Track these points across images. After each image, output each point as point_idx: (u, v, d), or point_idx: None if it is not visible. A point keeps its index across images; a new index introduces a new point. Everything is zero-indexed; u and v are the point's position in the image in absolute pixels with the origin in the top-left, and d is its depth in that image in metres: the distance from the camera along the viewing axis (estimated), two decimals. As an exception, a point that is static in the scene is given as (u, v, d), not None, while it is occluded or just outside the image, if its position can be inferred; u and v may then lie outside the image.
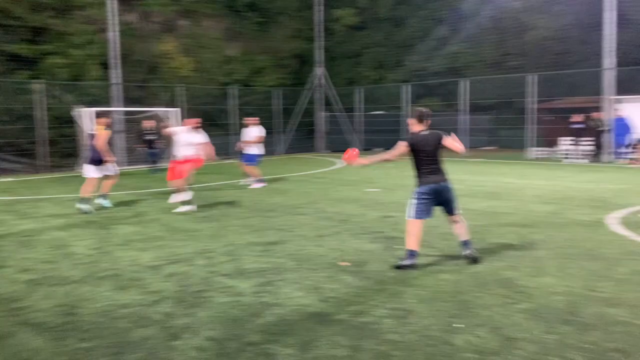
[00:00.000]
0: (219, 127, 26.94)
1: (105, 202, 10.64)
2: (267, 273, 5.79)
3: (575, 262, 6.04)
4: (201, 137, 10.42)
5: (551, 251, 6.54)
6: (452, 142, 6.18)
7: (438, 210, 6.17)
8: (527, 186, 12.71)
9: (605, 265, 5.86)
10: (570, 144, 20.15)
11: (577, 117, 19.62)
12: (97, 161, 10.22)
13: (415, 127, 6.19)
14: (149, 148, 18.08)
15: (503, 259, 6.22)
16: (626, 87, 21.78)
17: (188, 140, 10.24)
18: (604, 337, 3.98)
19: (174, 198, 10.43)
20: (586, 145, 19.73)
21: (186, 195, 10.03)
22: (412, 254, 5.98)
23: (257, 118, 13.99)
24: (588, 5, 24.73)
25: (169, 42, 25.27)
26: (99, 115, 12.31)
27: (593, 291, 5.01)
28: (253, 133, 13.63)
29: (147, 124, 18.32)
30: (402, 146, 6.17)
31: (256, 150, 13.66)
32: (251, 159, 13.65)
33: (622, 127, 18.96)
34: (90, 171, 10.28)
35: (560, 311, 4.52)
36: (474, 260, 6.07)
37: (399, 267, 5.92)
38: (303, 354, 3.81)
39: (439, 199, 6.12)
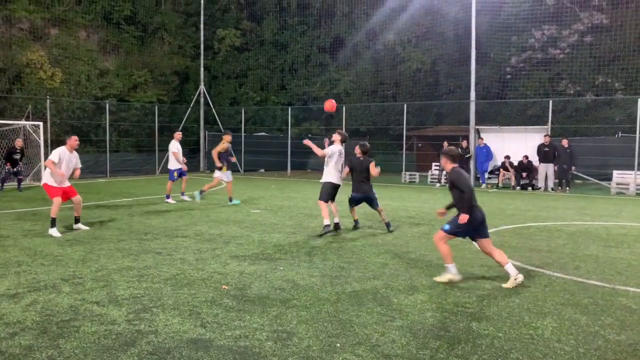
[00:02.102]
0: (92, 144, 25.36)
1: None
2: (143, 299, 5.49)
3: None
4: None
5: (423, 269, 6.93)
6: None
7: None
8: (399, 208, 13.41)
9: (470, 281, 6.32)
10: (438, 169, 21.63)
11: (445, 145, 21.17)
12: None
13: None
14: (13, 167, 16.86)
15: (379, 277, 6.48)
16: (484, 117, 24.10)
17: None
18: (471, 350, 4.27)
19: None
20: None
21: None
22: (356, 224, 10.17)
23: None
24: (455, 43, 27.06)
25: (36, 51, 23.44)
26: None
27: (461, 307, 5.37)
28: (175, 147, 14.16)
29: (19, 143, 17.55)
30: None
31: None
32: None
33: (484, 154, 20.82)
34: None
35: (432, 327, 4.79)
36: (391, 231, 9.68)
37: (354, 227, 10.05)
38: (181, 384, 3.64)
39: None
